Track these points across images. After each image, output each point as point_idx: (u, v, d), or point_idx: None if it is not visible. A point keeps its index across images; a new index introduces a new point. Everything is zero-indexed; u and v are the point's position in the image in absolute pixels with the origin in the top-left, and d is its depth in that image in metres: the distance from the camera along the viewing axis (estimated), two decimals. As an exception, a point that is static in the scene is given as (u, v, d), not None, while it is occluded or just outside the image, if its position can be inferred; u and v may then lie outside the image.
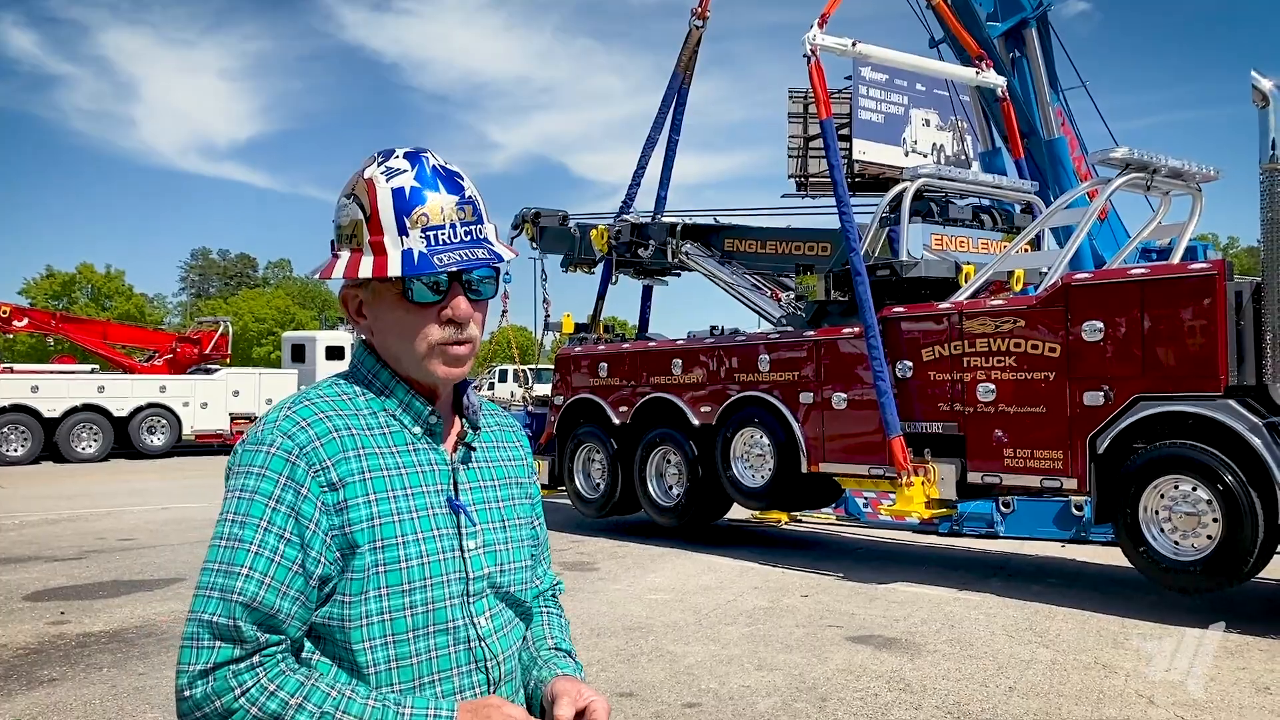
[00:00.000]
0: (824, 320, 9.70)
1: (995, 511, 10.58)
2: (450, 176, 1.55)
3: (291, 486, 1.45)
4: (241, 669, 1.38)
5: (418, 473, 1.55)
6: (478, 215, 1.55)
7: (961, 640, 6.63)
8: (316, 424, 1.49)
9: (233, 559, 1.41)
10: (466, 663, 1.55)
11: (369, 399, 1.57)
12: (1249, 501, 6.75)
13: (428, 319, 1.53)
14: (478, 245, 1.53)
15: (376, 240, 1.50)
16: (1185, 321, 7.19)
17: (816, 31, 9.42)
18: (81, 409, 21.29)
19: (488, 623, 1.58)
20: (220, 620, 1.38)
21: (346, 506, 1.47)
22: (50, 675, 5.83)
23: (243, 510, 1.44)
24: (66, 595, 7.98)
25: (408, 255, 1.49)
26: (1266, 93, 6.94)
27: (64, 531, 11.40)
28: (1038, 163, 13.41)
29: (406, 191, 1.51)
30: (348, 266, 1.52)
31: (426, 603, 1.50)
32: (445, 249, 1.50)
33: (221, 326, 26.91)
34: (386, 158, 1.55)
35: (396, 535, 1.49)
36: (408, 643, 1.49)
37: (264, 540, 1.42)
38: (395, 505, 1.51)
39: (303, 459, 1.46)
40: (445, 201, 1.52)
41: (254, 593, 1.39)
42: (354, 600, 1.47)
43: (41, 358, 34.27)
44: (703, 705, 5.35)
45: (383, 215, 1.50)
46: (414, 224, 1.50)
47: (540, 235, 13.15)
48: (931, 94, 18.37)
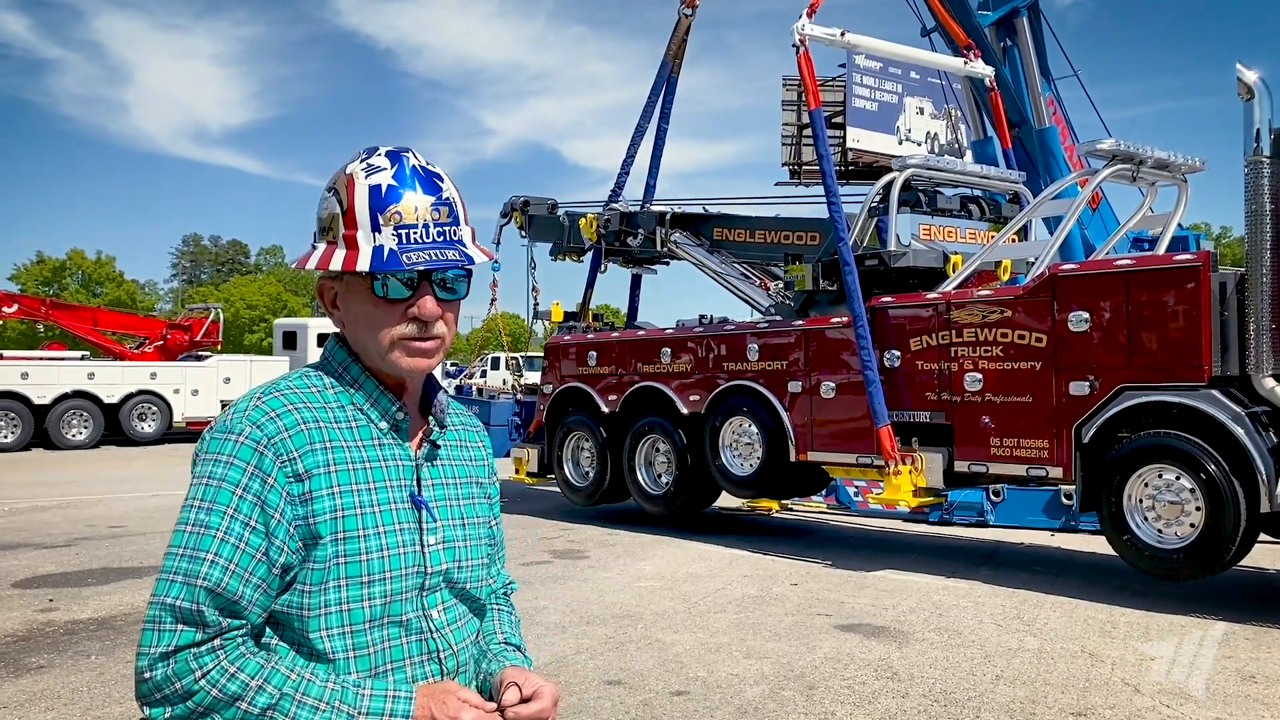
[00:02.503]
0: (812, 309, 9.73)
1: (985, 500, 10.62)
2: (429, 177, 1.57)
3: (259, 475, 1.47)
4: (202, 652, 1.41)
5: (381, 468, 1.58)
6: (454, 217, 1.57)
7: (949, 628, 6.67)
8: (285, 415, 1.52)
9: (198, 544, 1.44)
10: (420, 654, 1.58)
11: (338, 392, 1.60)
12: (1231, 490, 6.80)
13: (394, 315, 1.56)
14: (450, 246, 1.55)
15: (350, 235, 1.54)
16: (1170, 312, 7.22)
17: (805, 21, 9.42)
18: (72, 396, 21.22)
19: (441, 615, 1.61)
20: (183, 604, 1.41)
21: (311, 498, 1.50)
22: (38, 662, 5.84)
23: (209, 497, 1.46)
24: (56, 583, 7.99)
25: (378, 251, 1.52)
26: (1251, 85, 6.96)
27: (54, 519, 11.40)
28: (1029, 152, 13.43)
29: (383, 189, 1.54)
30: (321, 258, 1.56)
31: (384, 595, 1.53)
32: (416, 248, 1.52)
33: (212, 313, 26.77)
34: (370, 155, 1.58)
35: (359, 528, 1.52)
36: (364, 633, 1.52)
37: (230, 527, 1.44)
38: (359, 499, 1.54)
39: (270, 449, 1.48)
40: (420, 201, 1.54)
41: (218, 578, 1.42)
42: (314, 590, 1.50)
43: (32, 344, 34.15)
44: (690, 693, 5.37)
45: (358, 210, 1.54)
46: (387, 221, 1.53)
47: (529, 223, 13.13)
48: (926, 82, 18.37)
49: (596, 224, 12.29)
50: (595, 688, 5.43)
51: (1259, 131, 6.94)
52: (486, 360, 33.97)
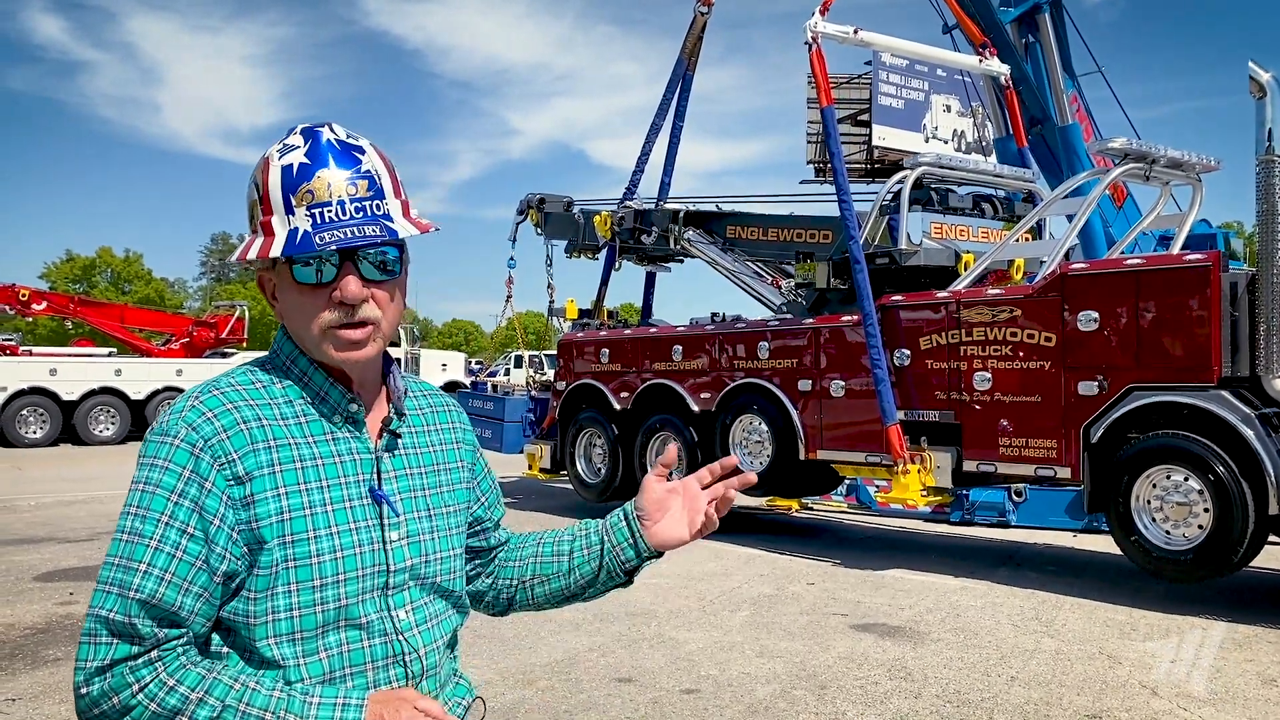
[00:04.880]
0: (824, 308, 9.72)
1: (1007, 500, 10.51)
2: (347, 150, 1.46)
3: (195, 480, 1.39)
4: (139, 664, 1.34)
5: (335, 463, 1.49)
6: (376, 190, 1.46)
7: (966, 629, 6.63)
8: (223, 415, 1.43)
9: (131, 554, 1.36)
10: (383, 657, 1.49)
11: (286, 386, 1.51)
12: (1240, 492, 6.76)
13: (319, 301, 1.46)
14: (371, 222, 1.44)
15: (266, 221, 1.45)
16: (1179, 312, 7.18)
17: (818, 18, 9.40)
18: (99, 392, 21.45)
19: (408, 616, 1.53)
20: (116, 617, 1.34)
21: (254, 501, 1.41)
22: (55, 655, 5.94)
23: (144, 504, 1.38)
24: (76, 576, 8.11)
25: (292, 235, 1.42)
26: (1264, 84, 6.92)
27: (78, 513, 11.57)
28: (1052, 149, 13.36)
29: (295, 168, 1.44)
30: (242, 249, 1.47)
31: (339, 598, 1.45)
32: (329, 227, 1.42)
33: (238, 311, 27.01)
34: (287, 135, 1.49)
35: (308, 530, 1.44)
36: (315, 639, 1.44)
37: (164, 535, 1.37)
38: (308, 498, 1.45)
39: (207, 451, 1.40)
40: (335, 177, 1.44)
41: (152, 589, 1.35)
42: (260, 596, 1.42)
43: (62, 341, 34.62)
44: (701, 692, 5.37)
45: (272, 194, 1.45)
46: (300, 201, 1.43)
47: (545, 221, 13.19)
48: (952, 79, 18.25)
49: (611, 222, 12.33)
50: (606, 685, 5.44)
51: (1272, 130, 6.90)
52: (509, 358, 34.10)
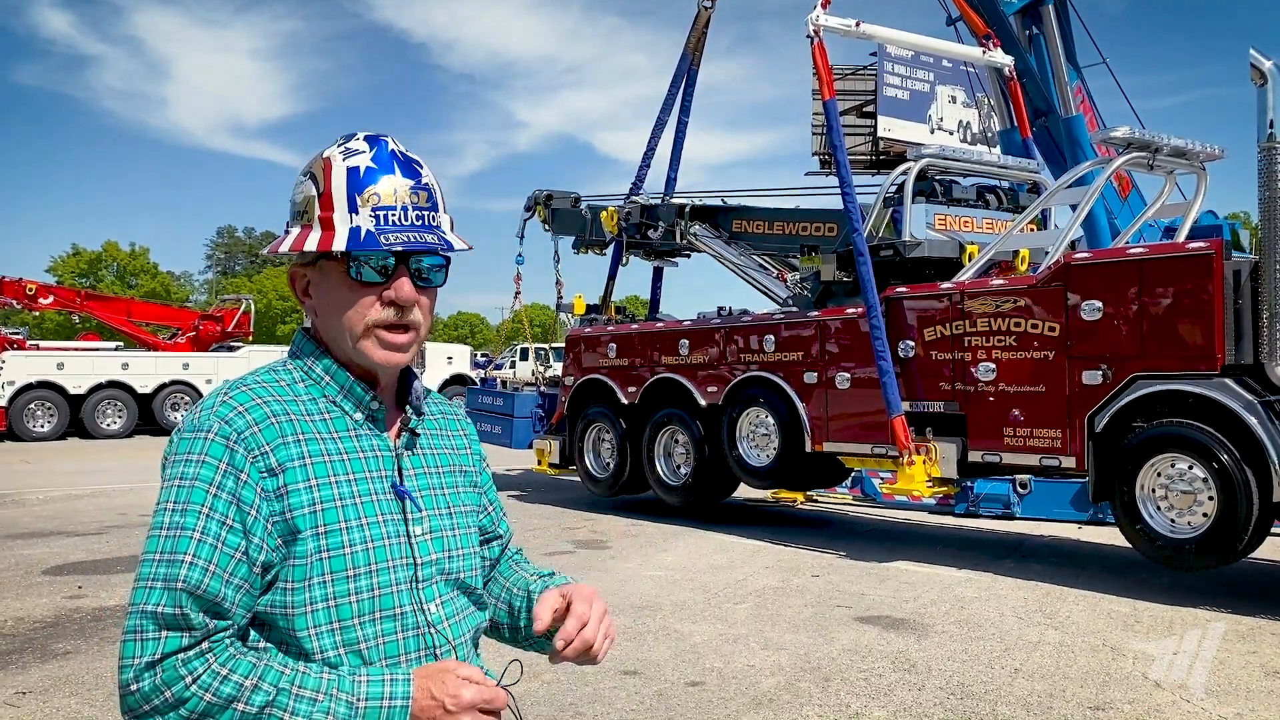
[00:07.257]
0: (829, 300, 9.75)
1: (1012, 492, 10.51)
2: (408, 162, 1.54)
3: (232, 472, 1.43)
4: (190, 657, 1.36)
5: (360, 459, 1.54)
6: (432, 203, 1.55)
7: (970, 621, 6.64)
8: (254, 409, 1.48)
9: (175, 547, 1.39)
10: (416, 649, 1.53)
11: (309, 385, 1.56)
12: (1244, 480, 6.77)
13: (369, 300, 1.52)
14: (429, 230, 1.52)
15: (326, 216, 1.51)
16: (1183, 300, 7.19)
17: (819, 11, 9.40)
18: (106, 386, 21.60)
19: (439, 609, 1.57)
20: (166, 610, 1.36)
21: (287, 492, 1.45)
22: (64, 648, 5.99)
23: (183, 498, 1.41)
24: (85, 570, 8.18)
25: (355, 232, 1.48)
26: (1265, 72, 6.91)
27: (86, 507, 11.64)
28: (1056, 141, 13.33)
29: (361, 171, 1.51)
30: (295, 241, 1.52)
31: (372, 588, 1.49)
32: (394, 229, 1.49)
33: (244, 304, 27.08)
34: (348, 140, 1.56)
35: (339, 520, 1.48)
36: (354, 628, 1.48)
37: (206, 527, 1.40)
38: (338, 490, 1.49)
39: (241, 444, 1.44)
40: (399, 184, 1.51)
41: (199, 580, 1.37)
42: (298, 586, 1.45)
43: (69, 335, 34.72)
44: (705, 684, 5.39)
45: (335, 192, 1.51)
46: (365, 202, 1.50)
47: (552, 217, 13.24)
48: (957, 71, 18.23)
49: (618, 217, 12.35)
50: (611, 677, 5.46)
51: (1273, 119, 6.89)
52: (515, 351, 34.16)
